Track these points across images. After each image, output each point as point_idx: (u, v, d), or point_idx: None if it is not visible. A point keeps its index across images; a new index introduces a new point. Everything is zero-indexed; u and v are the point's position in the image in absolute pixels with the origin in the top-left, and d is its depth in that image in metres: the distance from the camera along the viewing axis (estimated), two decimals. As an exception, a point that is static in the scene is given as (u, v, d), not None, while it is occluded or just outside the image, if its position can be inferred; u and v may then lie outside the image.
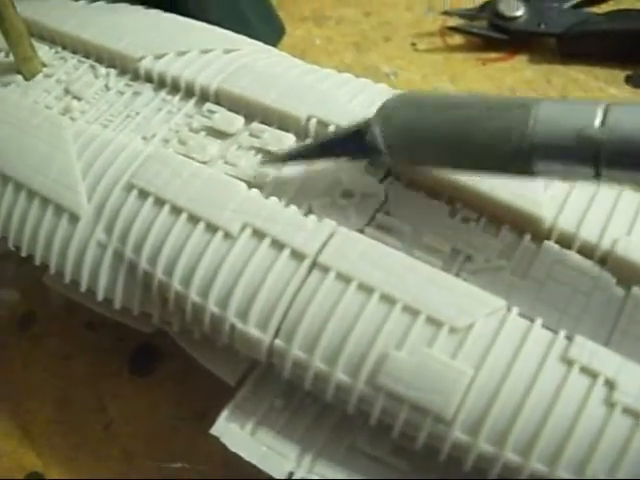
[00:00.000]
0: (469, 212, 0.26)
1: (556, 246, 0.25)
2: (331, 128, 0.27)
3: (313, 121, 0.27)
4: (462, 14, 0.40)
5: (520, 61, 0.39)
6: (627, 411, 0.22)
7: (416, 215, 0.26)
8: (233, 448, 0.25)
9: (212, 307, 0.25)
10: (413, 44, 0.40)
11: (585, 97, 0.37)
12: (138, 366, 0.32)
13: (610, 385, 0.23)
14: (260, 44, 0.32)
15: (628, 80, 0.39)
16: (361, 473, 0.24)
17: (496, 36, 0.39)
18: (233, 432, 0.25)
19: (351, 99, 0.28)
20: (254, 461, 0.25)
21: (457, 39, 0.40)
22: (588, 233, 0.25)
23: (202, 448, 0.29)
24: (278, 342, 0.24)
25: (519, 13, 0.39)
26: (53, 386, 0.32)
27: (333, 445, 0.25)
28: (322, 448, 0.25)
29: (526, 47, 0.39)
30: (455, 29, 0.40)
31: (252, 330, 0.25)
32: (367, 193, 0.26)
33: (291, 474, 0.25)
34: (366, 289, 0.24)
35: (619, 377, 0.23)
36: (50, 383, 0.32)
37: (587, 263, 0.25)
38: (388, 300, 0.24)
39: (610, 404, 0.23)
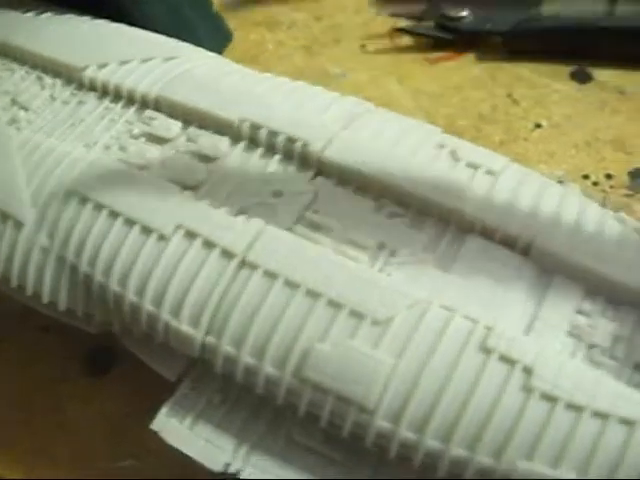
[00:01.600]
0: (395, 208, 0.27)
1: (479, 238, 0.26)
2: (263, 131, 0.28)
3: (246, 124, 0.28)
4: (410, 15, 0.41)
5: (467, 60, 0.40)
6: (545, 396, 0.23)
7: (344, 212, 0.27)
8: (172, 442, 0.26)
9: (148, 306, 0.26)
10: (362, 46, 0.41)
11: (531, 93, 0.38)
12: (93, 367, 0.33)
13: (528, 372, 0.24)
14: (203, 51, 0.33)
15: (573, 76, 0.39)
16: (296, 464, 0.25)
17: (443, 36, 0.40)
18: (172, 427, 0.26)
19: (283, 101, 0.29)
20: (192, 454, 0.26)
21: (406, 40, 0.40)
22: (510, 225, 0.26)
23: (152, 445, 0.30)
24: (209, 338, 0.25)
25: (464, 13, 0.40)
26: (10, 391, 0.33)
27: (270, 437, 0.26)
28: (259, 440, 0.26)
29: (473, 46, 0.40)
30: (403, 30, 0.41)
31: (184, 327, 0.25)
32: (297, 192, 0.27)
33: (227, 465, 0.25)
34: (292, 285, 0.25)
35: (537, 364, 0.24)
36: (7, 388, 0.33)
37: (510, 254, 0.26)
38: (313, 295, 0.24)
39: (528, 390, 0.23)
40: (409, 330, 0.24)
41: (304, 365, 0.24)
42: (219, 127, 0.29)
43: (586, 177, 0.36)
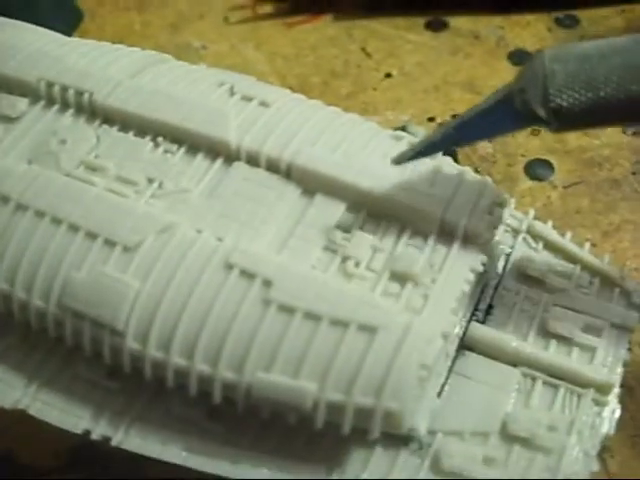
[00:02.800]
0: (170, 145, 0.27)
1: (246, 165, 0.26)
2: (57, 87, 0.29)
3: (42, 83, 0.30)
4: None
5: (325, 21, 0.40)
6: (283, 308, 0.23)
7: (122, 154, 0.27)
8: None
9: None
10: (225, 18, 0.42)
11: (384, 46, 0.38)
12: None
13: (267, 284, 0.24)
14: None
15: (428, 26, 0.39)
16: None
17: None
18: None
19: (78, 59, 0.30)
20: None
21: (267, 8, 0.41)
22: (272, 148, 0.26)
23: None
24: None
25: (319, -25, 0.40)
26: None
27: (60, 375, 0.26)
28: (50, 378, 0.26)
29: (331, 7, 0.41)
30: (264, -1, 0.42)
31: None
32: (79, 139, 0.28)
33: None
34: (56, 222, 0.25)
35: (277, 277, 0.24)
36: None
37: (274, 177, 0.26)
38: (73, 229, 0.25)
39: (266, 302, 0.23)
40: (156, 253, 0.24)
41: (64, 294, 0.24)
42: (19, 88, 0.30)
43: (432, 119, 0.36)
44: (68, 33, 0.36)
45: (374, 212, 0.25)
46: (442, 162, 0.27)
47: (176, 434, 0.25)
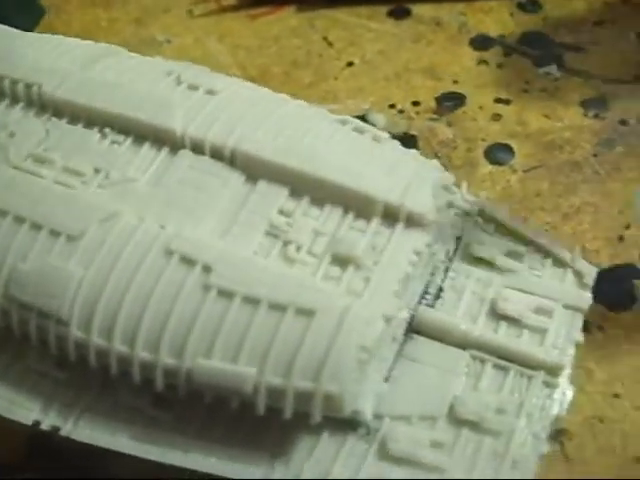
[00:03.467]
0: (117, 136, 0.27)
1: (190, 153, 0.26)
2: (7, 81, 0.29)
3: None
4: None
5: (288, 12, 0.40)
6: (222, 293, 0.23)
7: (69, 146, 0.27)
8: None
9: None
10: (190, 11, 0.42)
11: (346, 35, 0.38)
12: None
13: (207, 270, 0.24)
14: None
15: (390, 14, 0.39)
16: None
17: (263, -11, 0.41)
18: None
19: (29, 53, 0.30)
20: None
21: (231, 0, 0.41)
22: (216, 136, 0.26)
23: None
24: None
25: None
26: None
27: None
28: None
29: (294, -2, 0.41)
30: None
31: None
32: (28, 132, 0.28)
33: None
34: (1, 214, 0.25)
35: (217, 263, 0.24)
36: None
37: (218, 165, 0.26)
38: (18, 220, 0.25)
39: (206, 287, 0.24)
40: (99, 241, 0.24)
41: (10, 285, 0.24)
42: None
43: (392, 106, 0.36)
44: (29, 29, 0.36)
45: (317, 197, 0.25)
46: (388, 145, 0.27)
47: (124, 423, 0.25)
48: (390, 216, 0.25)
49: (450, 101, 0.36)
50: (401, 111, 0.35)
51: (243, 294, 0.23)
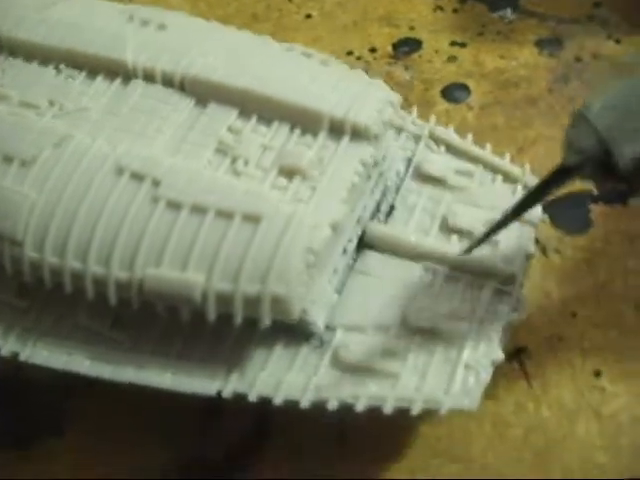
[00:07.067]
0: (71, 70, 0.28)
1: (142, 82, 0.27)
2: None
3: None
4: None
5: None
6: (170, 204, 0.24)
7: (25, 82, 0.28)
8: None
9: None
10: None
11: None
12: None
13: (156, 183, 0.24)
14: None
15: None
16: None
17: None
18: None
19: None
20: None
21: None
22: (167, 63, 0.27)
23: None
24: None
25: None
26: None
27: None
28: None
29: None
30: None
31: None
32: (-17, 72, 0.29)
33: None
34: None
35: (166, 176, 0.24)
36: None
37: (169, 91, 0.27)
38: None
39: (155, 200, 0.24)
40: (52, 164, 0.25)
41: (-35, 211, 0.25)
42: None
43: (350, 53, 0.36)
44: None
45: (265, 115, 0.26)
46: (334, 67, 0.28)
47: (81, 345, 0.25)
48: (336, 130, 0.25)
49: (407, 46, 0.37)
50: (358, 58, 0.36)
51: (191, 204, 0.23)
